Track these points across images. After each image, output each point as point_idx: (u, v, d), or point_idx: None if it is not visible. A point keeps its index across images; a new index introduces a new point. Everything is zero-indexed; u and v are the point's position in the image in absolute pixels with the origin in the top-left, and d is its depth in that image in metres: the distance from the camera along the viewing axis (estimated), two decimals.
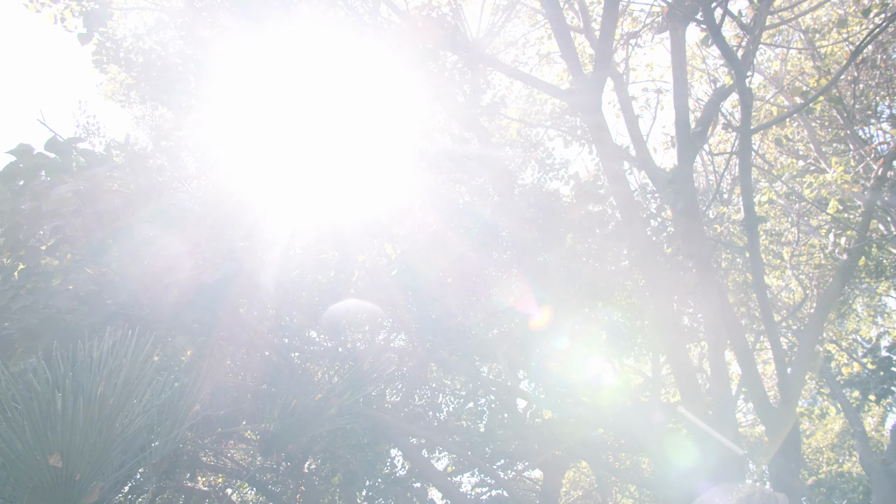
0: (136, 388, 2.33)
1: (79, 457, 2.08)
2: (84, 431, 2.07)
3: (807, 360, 6.62)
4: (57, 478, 2.05)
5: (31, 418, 1.97)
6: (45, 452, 1.98)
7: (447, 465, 8.68)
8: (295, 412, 2.28)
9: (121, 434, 2.28)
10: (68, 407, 2.05)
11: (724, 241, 5.46)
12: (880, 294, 10.83)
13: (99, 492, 2.19)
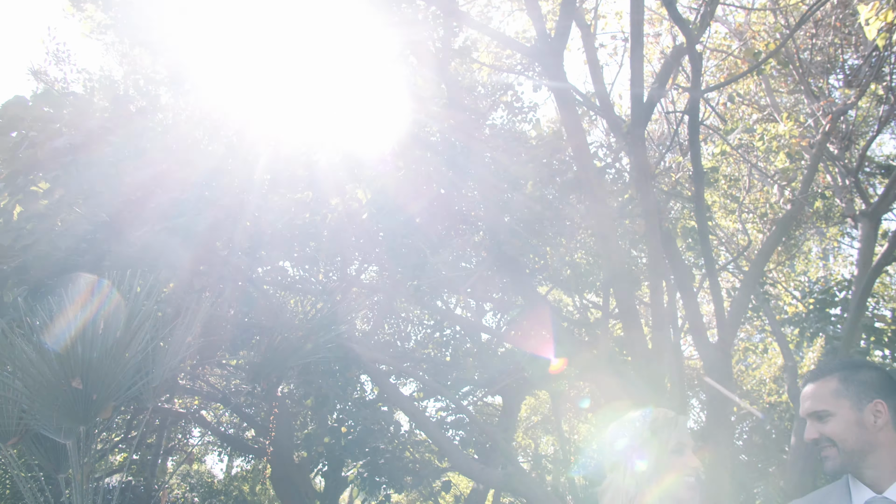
0: (137, 322, 2.76)
1: (95, 380, 2.53)
2: (99, 360, 2.51)
3: (745, 302, 7.30)
4: (78, 398, 2.50)
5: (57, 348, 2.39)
6: (69, 377, 2.42)
7: (414, 390, 9.36)
8: (279, 346, 2.73)
9: (128, 362, 2.72)
10: (87, 339, 2.47)
11: (675, 191, 5.95)
12: (829, 238, 11.59)
13: (111, 409, 2.66)
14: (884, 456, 1.77)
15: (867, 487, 1.78)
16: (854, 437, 1.78)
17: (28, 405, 2.47)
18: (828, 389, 1.84)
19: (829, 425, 1.81)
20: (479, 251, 5.77)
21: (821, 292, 8.43)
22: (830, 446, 1.81)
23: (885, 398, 1.79)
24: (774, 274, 10.88)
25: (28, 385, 2.40)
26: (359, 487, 6.94)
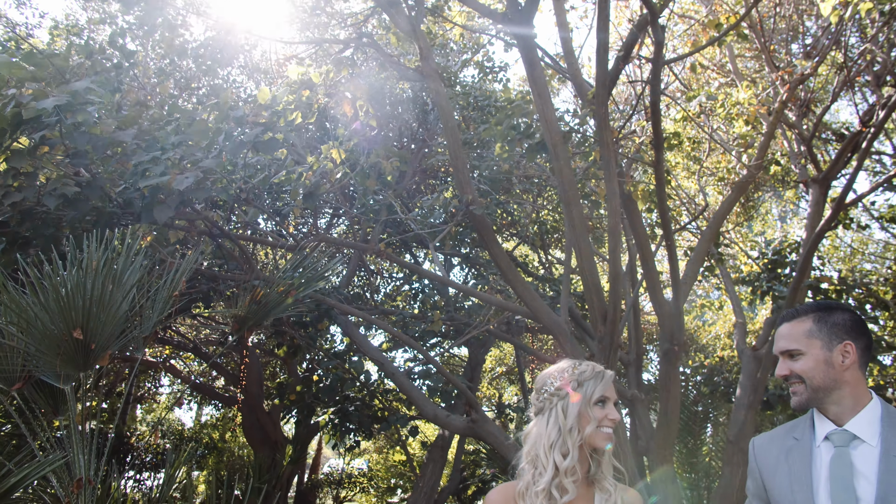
0: (128, 276, 3.01)
1: (94, 331, 2.78)
2: (97, 311, 2.76)
3: (700, 261, 7.76)
4: (78, 347, 2.75)
5: (59, 301, 2.63)
6: (70, 328, 2.67)
7: (382, 341, 9.73)
8: (262, 300, 3.00)
9: (121, 314, 2.98)
10: (85, 292, 2.71)
11: (637, 156, 6.27)
12: (785, 201, 12.14)
13: (108, 358, 2.92)
14: (847, 393, 1.87)
15: (830, 421, 1.89)
16: (822, 375, 1.88)
17: (32, 354, 2.72)
18: (802, 330, 1.94)
19: (799, 363, 1.91)
20: (449, 208, 6.04)
21: (773, 253, 8.94)
22: (799, 382, 1.92)
23: (853, 340, 1.90)
24: (732, 234, 11.41)
25: (32, 336, 2.65)
26: (329, 434, 7.34)
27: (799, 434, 1.95)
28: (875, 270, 10.57)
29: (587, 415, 2.00)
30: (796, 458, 1.89)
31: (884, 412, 1.86)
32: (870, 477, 1.75)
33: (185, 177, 3.49)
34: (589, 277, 5.80)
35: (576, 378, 2.04)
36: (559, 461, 1.95)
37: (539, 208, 9.29)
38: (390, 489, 15.11)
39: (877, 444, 1.80)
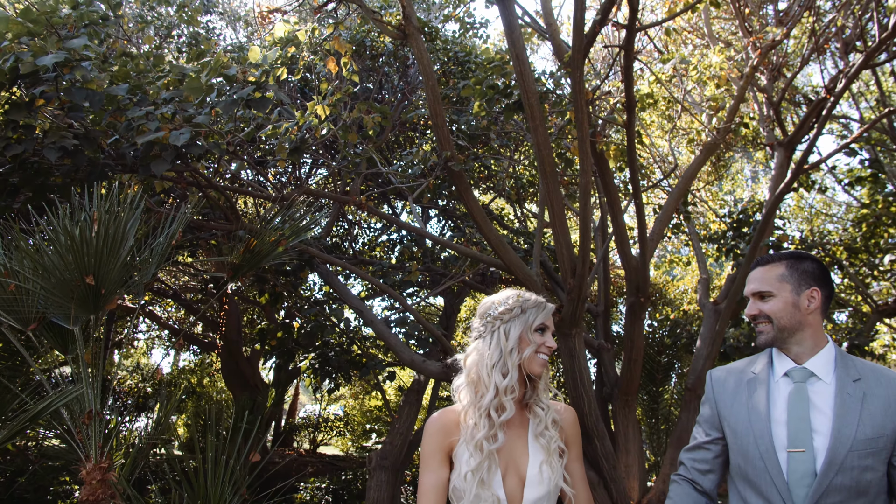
0: (130, 226, 3.28)
1: (103, 277, 3.07)
2: (108, 259, 3.04)
3: (666, 219, 8.16)
4: (90, 292, 3.04)
5: (74, 249, 2.90)
6: (84, 273, 2.95)
7: (361, 290, 10.07)
8: (255, 250, 3.28)
9: (124, 261, 3.26)
10: (95, 241, 2.99)
11: (611, 117, 6.56)
12: (755, 161, 12.57)
13: (116, 301, 3.22)
14: (808, 335, 2.03)
15: (790, 360, 2.04)
16: (789, 317, 2.03)
17: (46, 298, 3.00)
18: (774, 274, 2.09)
19: (769, 304, 2.06)
20: (428, 163, 6.30)
21: (738, 213, 9.38)
22: (767, 322, 2.06)
23: (820, 287, 2.06)
24: (703, 193, 11.85)
25: (48, 281, 2.92)
26: (310, 377, 7.73)
27: (757, 369, 2.09)
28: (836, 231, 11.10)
29: (527, 338, 2.09)
30: (754, 390, 2.03)
31: (837, 354, 2.02)
32: (825, 411, 1.90)
33: (180, 133, 3.71)
34: (560, 233, 6.16)
35: (519, 304, 2.13)
36: (499, 381, 2.03)
37: (516, 163, 9.57)
38: (366, 433, 15.72)
39: (831, 381, 1.95)
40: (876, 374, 1.93)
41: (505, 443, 2.06)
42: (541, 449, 2.08)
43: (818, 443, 1.86)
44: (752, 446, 1.96)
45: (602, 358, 8.83)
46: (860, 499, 1.81)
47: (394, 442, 7.45)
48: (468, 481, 1.98)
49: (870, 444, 1.81)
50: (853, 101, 10.93)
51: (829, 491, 1.81)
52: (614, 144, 6.56)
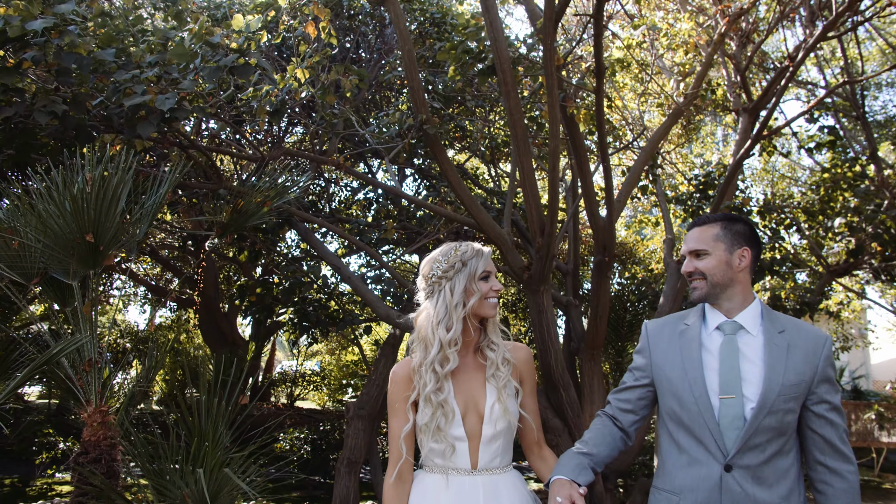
0: (123, 186, 3.52)
1: (101, 234, 3.32)
2: (105, 218, 3.29)
3: (634, 181, 8.52)
4: (89, 248, 3.30)
5: (75, 209, 3.15)
6: (84, 231, 3.20)
7: (337, 248, 10.34)
8: (243, 209, 3.53)
9: (119, 221, 3.52)
10: (93, 200, 3.23)
11: (580, 82, 6.82)
12: (725, 125, 12.94)
13: (113, 258, 3.49)
14: (738, 291, 2.19)
15: (721, 314, 2.19)
16: (721, 273, 2.18)
17: (47, 255, 3.26)
18: (710, 234, 2.23)
19: (704, 262, 2.20)
20: (403, 125, 6.53)
21: (704, 175, 9.77)
22: (701, 279, 2.20)
23: (750, 247, 2.21)
24: (673, 155, 12.21)
25: (49, 238, 3.17)
26: (290, 331, 8.05)
27: (690, 322, 2.24)
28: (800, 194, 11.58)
29: (472, 289, 2.23)
30: (688, 341, 2.18)
31: (763, 309, 2.19)
32: (754, 360, 2.07)
33: (166, 97, 3.91)
34: (530, 194, 6.47)
35: (459, 258, 2.26)
36: (443, 336, 2.19)
37: (490, 124, 9.80)
38: (342, 387, 16.18)
39: (758, 334, 2.12)
40: (797, 327, 2.12)
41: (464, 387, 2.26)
42: (494, 389, 2.27)
43: (747, 389, 2.03)
44: (687, 392, 2.10)
45: (570, 314, 9.28)
46: (781, 438, 2.02)
47: (370, 392, 7.85)
48: (423, 432, 2.22)
49: (793, 389, 2.01)
50: (819, 69, 11.30)
51: (757, 431, 2.00)
52: (584, 109, 6.84)
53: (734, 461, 2.01)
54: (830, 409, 2.05)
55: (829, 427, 2.04)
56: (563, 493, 2.02)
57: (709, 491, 2.03)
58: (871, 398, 15.47)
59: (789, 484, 2.03)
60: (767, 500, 1.99)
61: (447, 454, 2.23)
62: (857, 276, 12.86)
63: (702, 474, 2.05)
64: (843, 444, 2.05)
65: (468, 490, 2.22)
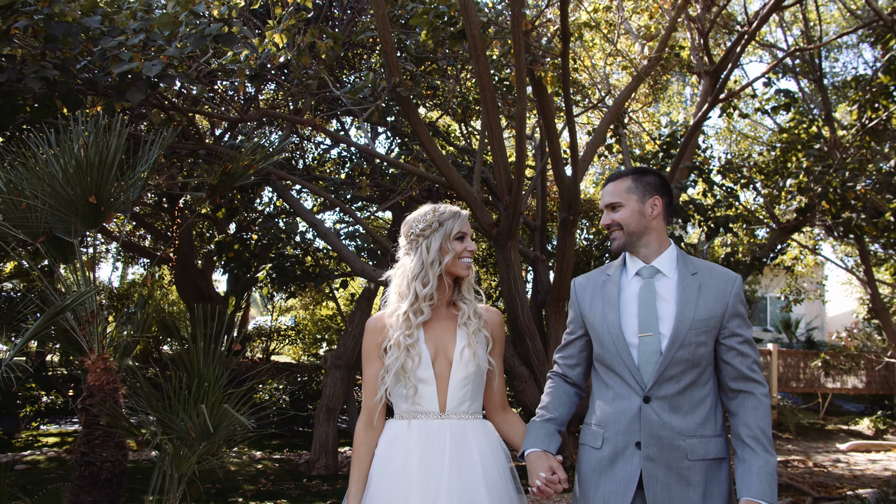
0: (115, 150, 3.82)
1: (102, 196, 3.63)
2: (105, 180, 3.60)
3: (599, 141, 8.93)
4: (91, 209, 3.61)
5: (79, 171, 3.45)
6: (87, 193, 3.51)
7: (312, 205, 10.63)
8: (231, 171, 3.84)
9: (118, 182, 3.83)
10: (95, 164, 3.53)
11: (547, 46, 7.14)
12: (691, 85, 13.35)
13: (112, 217, 3.81)
14: (654, 238, 2.32)
15: (640, 260, 2.33)
16: (636, 223, 2.30)
17: (52, 215, 3.57)
18: (622, 187, 2.34)
19: (619, 213, 2.32)
20: (377, 88, 6.80)
21: (668, 135, 10.21)
22: (618, 230, 2.32)
23: (661, 196, 2.33)
24: (640, 115, 12.62)
25: (55, 199, 3.48)
26: (268, 287, 8.41)
27: (612, 272, 2.39)
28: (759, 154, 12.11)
29: (447, 247, 2.35)
30: (609, 289, 2.33)
31: (678, 254, 2.33)
32: (669, 300, 2.22)
33: (152, 63, 4.16)
34: (498, 155, 6.86)
35: (436, 218, 2.37)
36: (419, 289, 2.33)
37: (461, 82, 10.06)
38: (317, 342, 16.63)
39: (673, 276, 2.27)
40: (709, 269, 2.27)
41: (435, 334, 2.38)
42: (463, 335, 2.38)
43: (662, 327, 2.18)
44: (607, 335, 2.25)
45: (537, 268, 9.78)
46: (694, 369, 2.17)
47: (346, 344, 8.29)
48: (389, 371, 2.32)
49: (704, 324, 2.16)
50: (783, 31, 11.71)
51: (671, 364, 2.14)
52: (552, 72, 7.18)
53: (652, 393, 2.16)
54: (741, 342, 2.20)
55: (739, 358, 2.19)
56: (543, 466, 2.16)
57: (629, 421, 2.18)
58: (823, 348, 16.46)
59: (705, 412, 2.17)
60: (683, 427, 2.14)
61: (410, 396, 2.32)
62: (812, 232, 13.58)
63: (623, 407, 2.20)
64: (754, 373, 2.19)
65: (435, 433, 2.29)
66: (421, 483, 2.21)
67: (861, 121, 9.03)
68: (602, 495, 2.19)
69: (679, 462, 2.11)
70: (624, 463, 2.17)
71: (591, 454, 2.27)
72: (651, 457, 2.13)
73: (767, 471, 2.07)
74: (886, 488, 5.68)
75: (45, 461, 8.07)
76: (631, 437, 2.17)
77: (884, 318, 10.83)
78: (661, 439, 2.13)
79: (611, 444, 2.21)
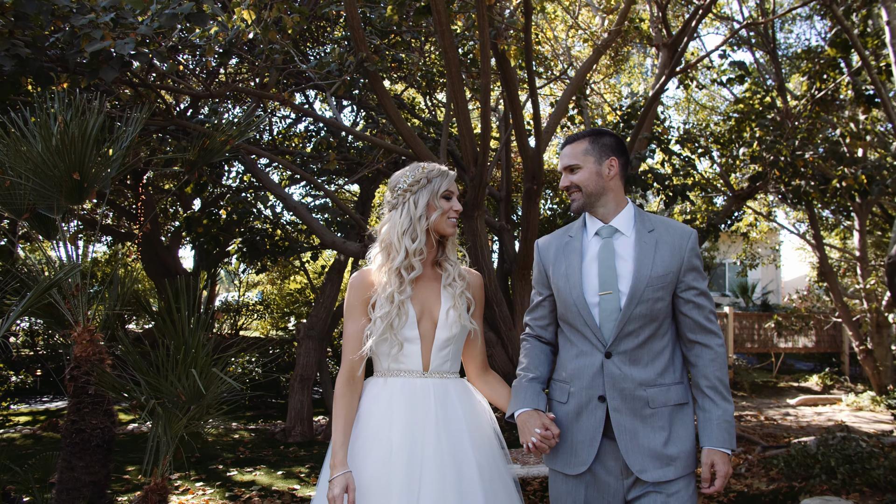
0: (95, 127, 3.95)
1: (85, 173, 3.78)
2: (88, 158, 3.74)
3: (561, 112, 9.20)
4: (75, 185, 3.75)
5: (63, 148, 3.58)
6: (71, 170, 3.65)
7: (280, 180, 10.72)
8: (209, 147, 4.00)
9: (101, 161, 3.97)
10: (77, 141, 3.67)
11: (510, 21, 7.35)
12: (651, 55, 13.68)
13: (94, 193, 3.96)
14: (611, 198, 2.37)
15: (598, 220, 2.38)
16: (594, 184, 2.34)
17: (36, 192, 3.70)
18: (580, 149, 2.37)
19: (577, 175, 2.35)
20: (345, 61, 6.94)
21: (629, 106, 10.55)
22: (577, 191, 2.36)
23: (617, 157, 2.37)
24: (601, 86, 12.94)
25: (39, 176, 3.62)
26: (239, 260, 8.54)
27: (573, 233, 2.44)
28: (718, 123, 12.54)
29: (434, 205, 2.37)
30: (570, 249, 2.39)
31: (636, 212, 2.39)
32: (627, 258, 2.28)
33: (125, 42, 4.27)
34: (464, 128, 7.09)
35: (425, 175, 2.38)
36: (409, 245, 2.33)
37: (426, 55, 10.21)
38: (285, 315, 16.77)
39: (631, 234, 2.33)
40: (665, 225, 2.34)
41: (420, 294, 2.38)
42: (449, 297, 2.41)
43: (621, 284, 2.26)
44: (569, 296, 2.32)
45: (503, 237, 10.09)
46: (653, 324, 2.25)
47: (319, 314, 8.52)
48: (377, 325, 2.30)
49: (660, 280, 2.24)
50: (738, 4, 12.07)
51: (630, 319, 2.22)
52: (515, 45, 7.40)
53: (613, 348, 2.24)
54: (697, 294, 2.28)
55: (696, 310, 2.28)
56: (537, 424, 2.23)
57: (591, 377, 2.27)
58: (777, 311, 17.24)
59: (664, 362, 2.27)
60: (643, 377, 2.23)
61: (395, 354, 2.33)
62: (766, 199, 14.17)
63: (586, 363, 2.29)
64: (710, 324, 2.29)
65: (419, 392, 2.31)
66: (405, 439, 2.23)
67: (811, 92, 9.49)
68: (569, 446, 2.30)
69: (642, 410, 2.22)
70: (588, 415, 2.27)
71: (558, 408, 2.37)
72: (616, 408, 2.23)
73: (726, 419, 2.20)
74: (826, 434, 6.18)
75: (21, 438, 8.18)
76: (594, 392, 2.26)
77: (831, 281, 11.46)
78: (623, 391, 2.22)
79: (576, 398, 2.30)
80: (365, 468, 2.21)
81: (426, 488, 2.16)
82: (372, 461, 2.22)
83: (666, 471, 2.19)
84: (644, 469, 2.19)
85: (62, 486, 4.04)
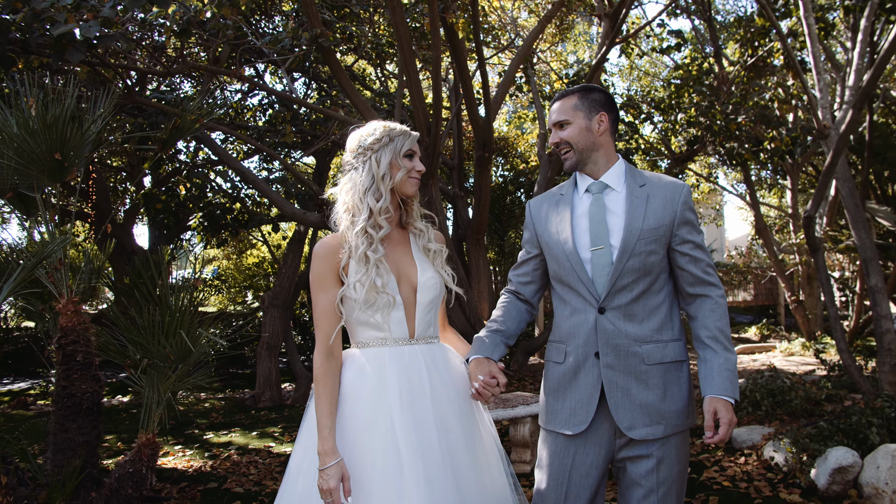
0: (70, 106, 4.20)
1: (65, 153, 4.04)
2: (66, 140, 4.00)
3: (509, 82, 9.61)
4: (56, 165, 4.01)
5: (45, 129, 3.83)
6: (52, 151, 3.91)
7: (238, 153, 10.88)
8: (180, 126, 4.26)
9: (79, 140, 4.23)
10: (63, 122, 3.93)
11: None
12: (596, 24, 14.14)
13: (74, 173, 4.23)
14: (602, 154, 2.34)
15: (589, 177, 2.36)
16: (584, 140, 2.31)
17: (19, 172, 3.96)
18: (569, 104, 2.34)
19: (567, 131, 2.33)
20: (299, 36, 7.18)
21: (574, 74, 11.02)
22: (568, 148, 2.34)
23: (607, 112, 2.35)
24: (548, 55, 13.36)
25: (21, 156, 3.87)
26: (201, 234, 8.77)
27: (564, 191, 2.43)
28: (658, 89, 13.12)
29: (397, 164, 2.28)
30: (562, 207, 2.37)
31: (626, 168, 2.37)
32: (618, 213, 2.27)
33: (90, 25, 4.48)
34: (416, 99, 7.44)
35: (387, 134, 2.28)
36: (373, 204, 2.22)
37: (376, 25, 10.45)
38: (243, 289, 16.95)
39: (622, 190, 2.31)
40: (656, 180, 2.33)
41: (392, 258, 2.27)
42: (425, 259, 2.34)
43: (613, 239, 2.23)
44: (561, 251, 2.30)
45: (457, 204, 10.54)
46: (646, 278, 2.23)
47: (282, 284, 8.85)
48: (358, 290, 2.15)
49: (653, 233, 2.21)
50: None
51: (623, 273, 2.20)
52: (462, 18, 7.75)
53: (606, 304, 2.22)
54: (693, 248, 2.26)
55: (692, 263, 2.26)
56: (483, 371, 2.23)
57: (587, 333, 2.24)
58: (720, 268, 18.23)
59: (660, 318, 2.24)
60: (639, 333, 2.20)
61: (380, 320, 2.21)
62: (707, 161, 14.94)
63: (581, 320, 2.26)
64: (708, 276, 2.27)
65: (409, 358, 2.22)
66: (405, 408, 2.12)
67: (743, 58, 10.11)
68: (569, 406, 2.28)
69: (637, 367, 2.19)
70: (586, 373, 2.24)
71: (555, 369, 2.35)
72: (610, 364, 2.20)
73: (728, 367, 2.17)
74: (756, 376, 6.90)
75: None
76: (590, 349, 2.24)
77: (766, 237, 12.30)
78: (617, 347, 2.20)
79: (572, 356, 2.28)
80: (363, 451, 2.10)
81: (431, 463, 2.07)
82: (370, 442, 2.10)
83: (655, 428, 2.18)
84: (632, 426, 2.18)
85: (57, 447, 4.36)
